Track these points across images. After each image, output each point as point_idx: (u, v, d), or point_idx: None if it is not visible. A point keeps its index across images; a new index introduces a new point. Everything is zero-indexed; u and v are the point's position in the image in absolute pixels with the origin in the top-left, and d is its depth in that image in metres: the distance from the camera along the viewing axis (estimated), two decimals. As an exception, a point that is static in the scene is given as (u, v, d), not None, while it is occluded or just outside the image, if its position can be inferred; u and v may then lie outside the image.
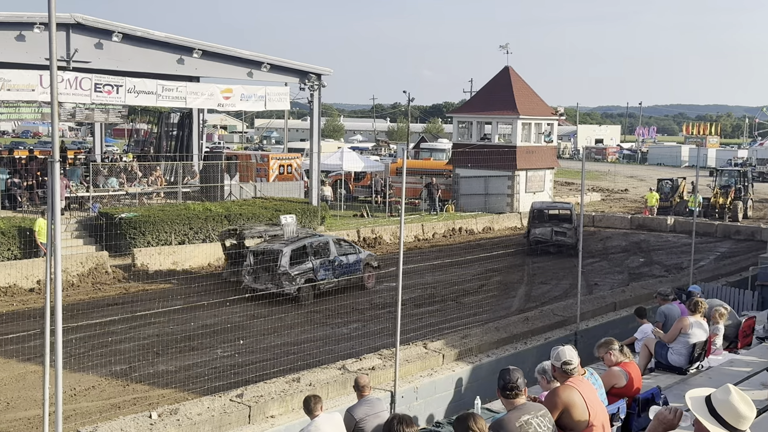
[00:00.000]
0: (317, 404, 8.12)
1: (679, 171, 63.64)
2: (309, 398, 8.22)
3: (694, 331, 10.23)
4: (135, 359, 14.42)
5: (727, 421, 4.37)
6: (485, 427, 5.22)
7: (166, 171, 31.34)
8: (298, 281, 19.41)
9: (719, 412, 4.39)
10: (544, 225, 27.79)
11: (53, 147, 7.14)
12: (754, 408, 4.43)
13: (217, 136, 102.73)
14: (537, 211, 28.68)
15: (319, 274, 20.01)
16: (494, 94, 38.68)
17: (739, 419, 4.35)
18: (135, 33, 25.55)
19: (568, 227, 27.49)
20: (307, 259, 20.04)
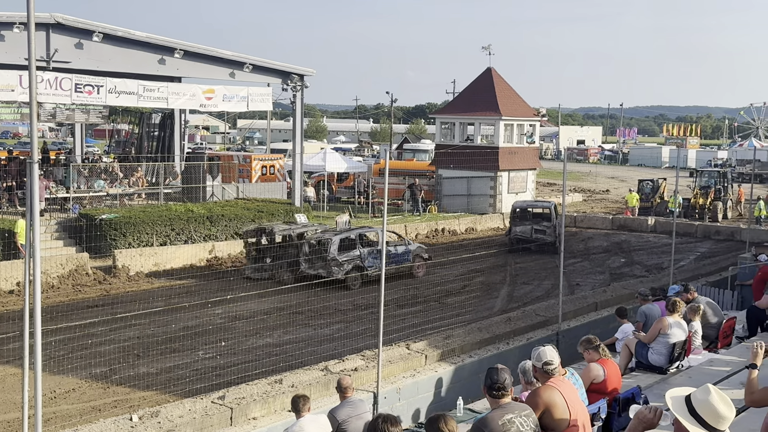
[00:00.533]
0: (305, 404, 8.11)
1: (659, 172, 64.13)
2: (297, 398, 8.21)
3: (673, 331, 10.30)
4: (115, 361, 14.32)
5: (706, 421, 4.40)
6: (455, 428, 5.22)
7: (148, 172, 31.16)
8: (346, 267, 21.28)
9: (699, 412, 4.42)
10: (524, 223, 28.27)
11: (32, 148, 7.08)
12: (733, 408, 4.46)
13: (200, 136, 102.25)
14: (518, 210, 29.19)
15: (367, 262, 21.75)
16: (477, 95, 38.79)
17: (718, 419, 4.39)
18: (116, 33, 25.40)
19: (547, 225, 27.97)
20: (355, 248, 21.89)
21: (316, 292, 20.25)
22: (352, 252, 21.72)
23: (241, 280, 21.35)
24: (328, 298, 19.74)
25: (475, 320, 16.83)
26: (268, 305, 19.25)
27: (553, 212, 28.33)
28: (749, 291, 16.37)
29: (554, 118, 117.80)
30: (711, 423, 4.39)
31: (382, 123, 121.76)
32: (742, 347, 11.30)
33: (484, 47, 40.81)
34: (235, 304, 18.51)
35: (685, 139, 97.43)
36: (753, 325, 12.14)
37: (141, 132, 35.60)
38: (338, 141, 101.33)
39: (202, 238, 24.68)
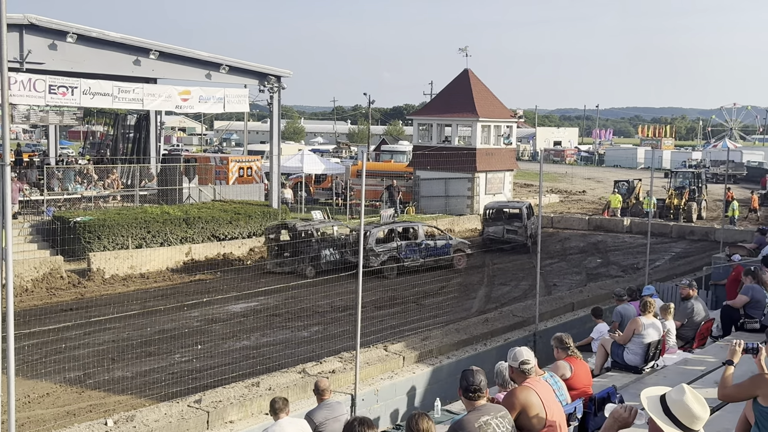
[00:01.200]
0: (285, 407, 8.07)
1: (635, 173, 64.65)
2: (276, 400, 8.16)
3: (647, 331, 10.39)
4: (90, 365, 14.18)
5: (681, 421, 4.43)
6: (430, 427, 5.23)
7: (123, 174, 30.91)
8: (382, 258, 23.21)
9: (673, 412, 4.45)
10: (496, 224, 28.67)
11: (4, 150, 7.01)
12: (707, 409, 4.50)
13: (176, 138, 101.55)
14: (490, 210, 29.80)
15: (404, 254, 23.78)
16: (454, 97, 38.89)
17: (692, 420, 4.42)
18: (90, 34, 25.17)
19: (519, 225, 28.34)
20: (393, 240, 23.92)
21: (294, 294, 20.23)
22: (390, 244, 23.74)
23: (262, 274, 22.72)
24: (307, 299, 19.70)
25: (452, 321, 16.85)
26: (246, 307, 19.18)
27: (524, 213, 28.67)
28: (723, 290, 16.53)
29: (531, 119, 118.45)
30: (685, 423, 4.42)
31: (359, 124, 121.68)
32: (716, 346, 11.42)
33: (461, 49, 40.97)
34: (212, 307, 18.42)
35: (659, 141, 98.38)
36: (727, 325, 12.26)
37: (116, 133, 35.30)
38: (316, 142, 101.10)
39: (178, 240, 24.52)
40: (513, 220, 28.89)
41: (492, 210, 29.80)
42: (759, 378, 5.69)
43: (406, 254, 23.92)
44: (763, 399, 5.54)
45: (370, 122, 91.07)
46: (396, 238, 24.22)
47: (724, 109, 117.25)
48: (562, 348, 8.77)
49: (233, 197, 30.08)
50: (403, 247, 23.97)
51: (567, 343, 8.75)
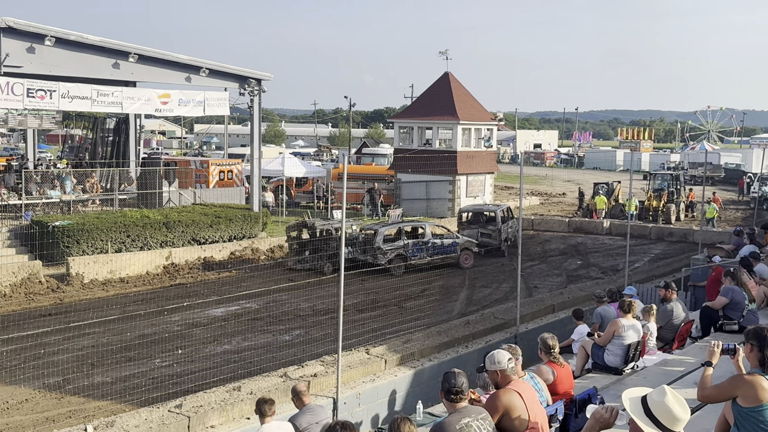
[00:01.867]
0: (270, 408, 8.02)
1: (614, 175, 65.05)
2: (261, 401, 8.11)
3: (627, 332, 10.45)
4: (70, 371, 14.06)
5: (661, 422, 4.46)
6: (412, 430, 5.25)
7: (102, 178, 30.67)
8: (389, 255, 24.11)
9: (654, 413, 4.48)
10: (471, 227, 28.72)
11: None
12: (688, 410, 4.53)
13: (156, 141, 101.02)
14: (465, 213, 30.01)
15: (411, 252, 24.68)
16: (435, 100, 39.00)
17: (673, 421, 4.45)
18: (69, 37, 24.97)
19: (492, 229, 28.39)
20: (401, 239, 24.83)
21: (276, 297, 20.18)
22: (397, 242, 24.67)
23: (283, 271, 23.40)
24: (288, 303, 19.66)
25: (434, 324, 16.88)
26: (227, 311, 19.10)
27: (499, 216, 28.72)
28: (702, 292, 16.68)
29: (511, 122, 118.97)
30: (666, 424, 4.45)
31: (341, 127, 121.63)
32: (696, 347, 11.51)
33: (442, 52, 41.13)
34: (193, 311, 18.32)
35: (638, 143, 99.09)
36: (706, 325, 12.36)
37: (95, 137, 35.01)
38: (297, 146, 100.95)
39: (158, 244, 24.38)
40: (488, 223, 29.00)
41: (467, 213, 30.00)
42: (738, 379, 5.74)
43: (413, 252, 24.82)
44: (742, 400, 5.59)
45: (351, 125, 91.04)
46: (403, 237, 25.04)
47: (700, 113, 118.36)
48: (545, 351, 8.80)
49: (214, 201, 29.96)
50: (411, 245, 24.84)
51: (550, 345, 8.78)
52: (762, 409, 5.50)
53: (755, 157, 70.23)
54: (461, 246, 25.95)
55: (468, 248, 26.16)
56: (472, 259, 26.14)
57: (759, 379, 5.56)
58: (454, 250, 25.77)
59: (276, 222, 31.44)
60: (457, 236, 26.40)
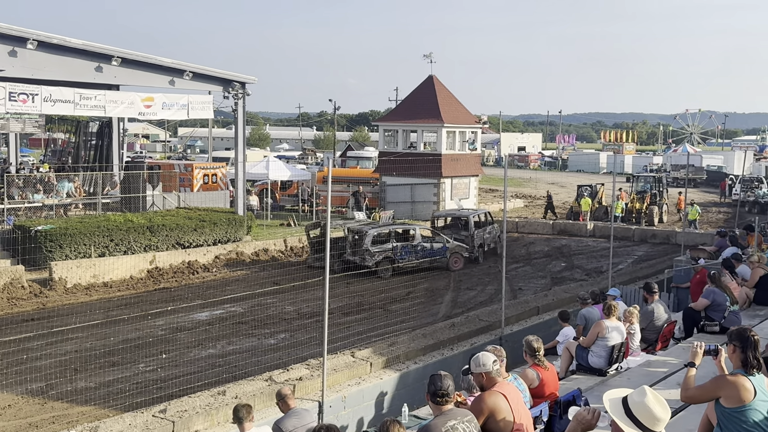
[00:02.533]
0: (248, 414, 8.00)
1: (597, 177, 65.38)
2: (239, 407, 8.08)
3: (611, 334, 10.51)
4: (53, 376, 13.94)
5: (642, 422, 4.49)
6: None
7: (85, 182, 30.49)
8: (377, 258, 24.29)
9: (635, 413, 4.51)
10: (443, 232, 27.80)
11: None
12: (668, 410, 4.57)
13: (139, 145, 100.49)
14: (437, 218, 29.80)
15: (399, 255, 24.87)
16: (419, 103, 39.04)
17: (654, 421, 4.48)
18: (51, 40, 24.81)
19: (465, 234, 27.85)
20: (389, 241, 24.84)
21: (261, 301, 20.12)
22: (386, 245, 24.72)
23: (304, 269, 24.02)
24: (273, 307, 19.61)
25: (419, 326, 16.90)
26: (211, 315, 19.03)
27: (471, 221, 28.21)
28: (684, 293, 16.80)
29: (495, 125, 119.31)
30: (647, 424, 4.48)
31: (325, 130, 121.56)
32: (679, 348, 11.60)
33: (426, 55, 41.11)
34: (177, 315, 18.24)
35: (621, 145, 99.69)
36: (689, 326, 12.46)
37: (78, 141, 34.81)
38: (282, 149, 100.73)
39: (142, 248, 24.24)
40: (460, 229, 28.32)
41: (439, 218, 29.74)
42: (721, 380, 5.80)
43: (401, 255, 24.95)
44: (725, 400, 5.64)
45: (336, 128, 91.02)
46: (392, 239, 25.06)
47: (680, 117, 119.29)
48: (530, 354, 8.83)
49: (198, 204, 29.84)
50: (399, 248, 24.95)
51: (535, 348, 8.81)
52: (745, 410, 5.55)
53: (737, 159, 70.86)
54: (451, 250, 25.99)
55: (458, 252, 26.25)
56: (461, 262, 26.16)
57: (742, 380, 5.61)
58: (444, 253, 25.82)
59: (261, 225, 31.38)
60: (447, 240, 26.30)
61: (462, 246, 26.60)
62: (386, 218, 29.07)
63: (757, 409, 5.55)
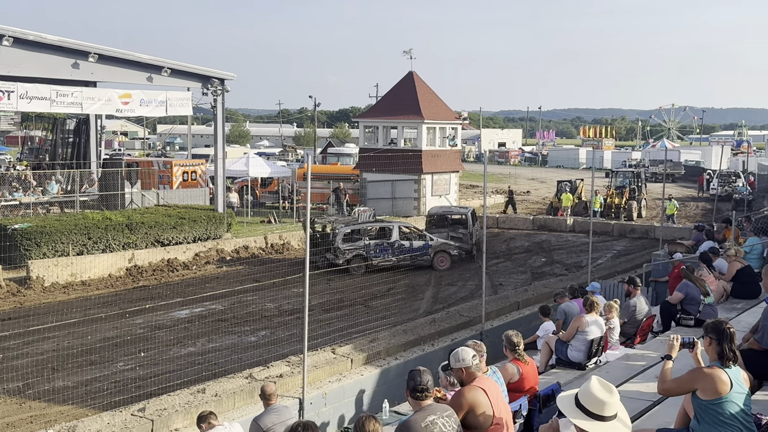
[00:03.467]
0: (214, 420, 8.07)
1: (577, 173, 65.78)
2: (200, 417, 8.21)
3: (591, 328, 10.57)
4: (31, 375, 13.80)
5: (589, 410, 4.50)
6: (376, 428, 5.27)
7: (63, 179, 30.22)
8: (347, 255, 24.32)
9: (582, 403, 4.52)
10: (440, 231, 27.68)
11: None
12: (614, 393, 4.57)
13: (117, 142, 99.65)
14: (434, 216, 29.04)
15: (373, 253, 24.73)
16: (399, 99, 39.03)
17: (600, 406, 4.48)
18: (27, 37, 24.54)
19: (464, 232, 27.62)
20: (362, 239, 24.85)
21: (241, 298, 20.05)
22: (358, 242, 24.73)
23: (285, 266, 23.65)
24: (254, 304, 19.54)
25: (400, 322, 16.90)
26: (191, 313, 18.93)
27: (469, 218, 27.96)
28: (663, 287, 16.93)
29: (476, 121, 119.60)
30: (594, 411, 4.49)
31: (306, 127, 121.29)
32: (657, 341, 11.67)
33: (406, 51, 41.06)
34: (156, 314, 18.12)
35: (600, 141, 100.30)
36: (666, 320, 12.55)
37: (55, 138, 34.51)
38: (262, 146, 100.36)
39: (120, 246, 24.06)
40: (458, 226, 28.13)
41: (435, 216, 29.00)
42: (697, 372, 5.83)
43: (375, 253, 24.75)
44: (701, 392, 5.67)
45: (316, 125, 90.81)
46: (365, 237, 25.02)
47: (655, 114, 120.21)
48: (510, 348, 8.85)
49: (177, 202, 29.66)
50: (372, 246, 24.80)
51: (515, 342, 8.83)
52: (721, 402, 5.59)
53: (714, 154, 71.54)
54: (435, 248, 25.51)
55: (445, 250, 25.68)
56: (448, 262, 25.55)
57: (718, 372, 5.66)
58: (426, 252, 25.38)
59: (241, 223, 31.26)
60: (430, 238, 25.80)
61: (449, 244, 26.02)
62: (366, 216, 28.93)
63: (733, 401, 5.60)
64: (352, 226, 25.60)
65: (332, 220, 26.91)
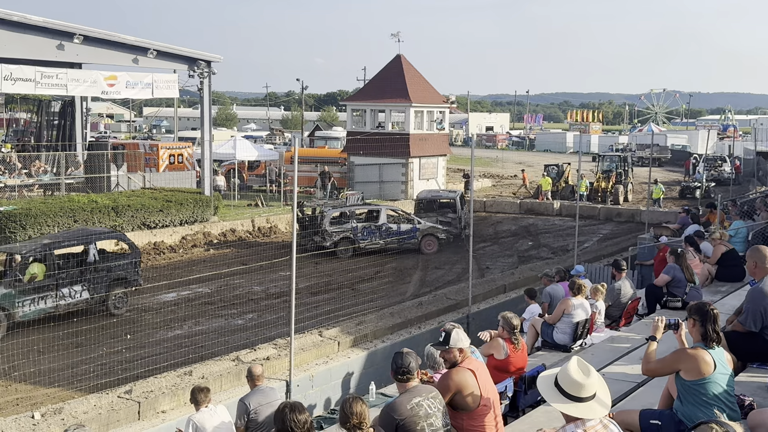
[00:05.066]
0: (206, 396, 8.05)
1: (564, 157, 65.88)
2: (196, 389, 8.15)
3: (576, 311, 10.64)
4: (16, 357, 13.76)
5: (567, 392, 4.52)
6: (363, 410, 5.29)
7: (48, 161, 30.00)
8: (335, 238, 24.37)
9: (562, 385, 4.55)
10: (429, 215, 27.77)
11: None
12: (592, 374, 4.59)
13: (103, 125, 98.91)
14: (423, 201, 29.05)
15: (360, 236, 24.79)
16: (387, 83, 38.91)
17: (578, 388, 4.50)
18: (11, 18, 24.25)
19: (453, 216, 27.72)
20: (349, 222, 24.90)
21: (228, 281, 20.03)
22: (345, 225, 24.79)
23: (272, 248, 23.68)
24: (241, 287, 19.52)
25: (387, 306, 16.95)
26: (178, 296, 18.90)
27: (458, 203, 28.06)
28: (648, 270, 17.05)
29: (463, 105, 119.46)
30: (571, 392, 4.50)
31: (293, 110, 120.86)
32: (642, 324, 11.76)
33: (393, 34, 40.85)
34: (142, 296, 18.07)
35: (587, 125, 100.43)
36: (651, 303, 12.64)
37: (40, 120, 34.24)
38: (249, 129, 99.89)
39: (107, 229, 23.93)
40: (447, 210, 28.19)
41: (424, 201, 29.04)
42: (681, 353, 5.89)
43: (363, 236, 24.85)
44: (685, 373, 5.73)
45: (304, 108, 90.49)
46: (353, 220, 25.04)
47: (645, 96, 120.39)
48: (508, 329, 8.86)
49: (164, 185, 29.50)
50: (359, 228, 24.87)
51: (514, 325, 8.85)
52: (704, 382, 5.64)
53: (701, 139, 71.79)
54: (423, 232, 25.58)
55: (432, 234, 25.73)
56: (435, 245, 25.59)
57: (701, 353, 5.71)
58: (414, 235, 25.43)
59: (228, 206, 31.17)
60: (418, 221, 25.90)
61: (437, 227, 26.05)
62: (354, 199, 28.96)
63: (716, 382, 5.65)
64: (339, 209, 25.62)
65: (320, 204, 26.89)
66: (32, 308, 15.66)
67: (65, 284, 16.08)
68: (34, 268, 15.82)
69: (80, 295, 16.50)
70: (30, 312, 15.59)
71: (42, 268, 15.87)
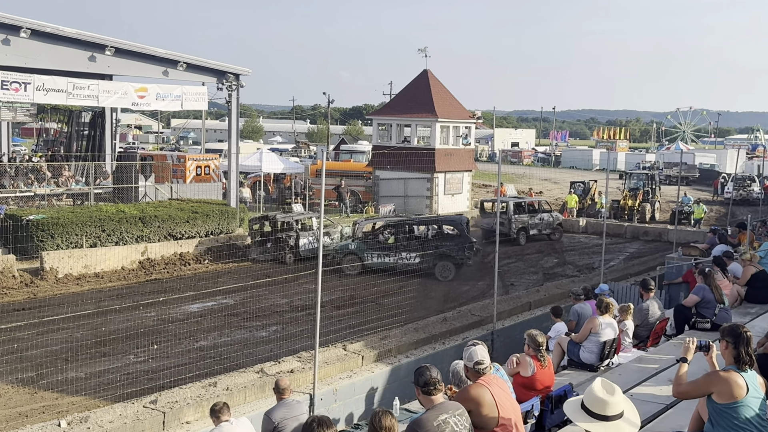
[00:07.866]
0: (224, 411, 8.07)
1: (590, 174, 65.52)
2: (213, 409, 8.20)
3: (604, 330, 10.53)
4: (43, 366, 13.88)
5: (593, 411, 4.48)
6: (393, 424, 5.25)
7: (77, 171, 30.37)
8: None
9: (588, 405, 4.51)
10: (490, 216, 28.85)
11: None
12: (616, 393, 4.54)
13: (132, 136, 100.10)
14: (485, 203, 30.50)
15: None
16: (413, 97, 39.02)
17: (603, 406, 4.46)
18: (45, 29, 24.65)
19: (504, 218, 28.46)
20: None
21: (253, 293, 20.08)
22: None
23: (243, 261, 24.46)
24: (265, 299, 19.57)
25: (411, 320, 16.86)
26: (203, 307, 18.99)
27: (510, 206, 29.13)
28: (676, 290, 16.85)
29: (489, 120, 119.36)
30: (597, 411, 4.47)
31: (319, 124, 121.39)
32: (670, 345, 11.61)
33: (420, 49, 41.11)
34: (168, 307, 18.19)
35: (614, 142, 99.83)
36: (680, 323, 12.48)
37: (70, 131, 34.68)
38: (275, 141, 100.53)
39: (134, 239, 24.15)
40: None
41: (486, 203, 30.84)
42: (713, 375, 5.80)
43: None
44: (717, 396, 5.64)
45: (330, 122, 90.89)
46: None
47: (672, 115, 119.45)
48: (533, 347, 8.79)
49: (190, 196, 29.74)
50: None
51: (539, 342, 8.79)
52: (736, 406, 5.55)
53: (729, 158, 71.07)
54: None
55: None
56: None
57: (734, 376, 5.62)
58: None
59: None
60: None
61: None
62: (387, 212, 29.03)
63: (749, 406, 5.56)
64: (370, 222, 25.93)
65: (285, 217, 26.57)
66: (377, 260, 23.41)
67: (405, 250, 23.46)
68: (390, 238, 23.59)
69: (414, 260, 23.47)
70: (376, 262, 23.18)
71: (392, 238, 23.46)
